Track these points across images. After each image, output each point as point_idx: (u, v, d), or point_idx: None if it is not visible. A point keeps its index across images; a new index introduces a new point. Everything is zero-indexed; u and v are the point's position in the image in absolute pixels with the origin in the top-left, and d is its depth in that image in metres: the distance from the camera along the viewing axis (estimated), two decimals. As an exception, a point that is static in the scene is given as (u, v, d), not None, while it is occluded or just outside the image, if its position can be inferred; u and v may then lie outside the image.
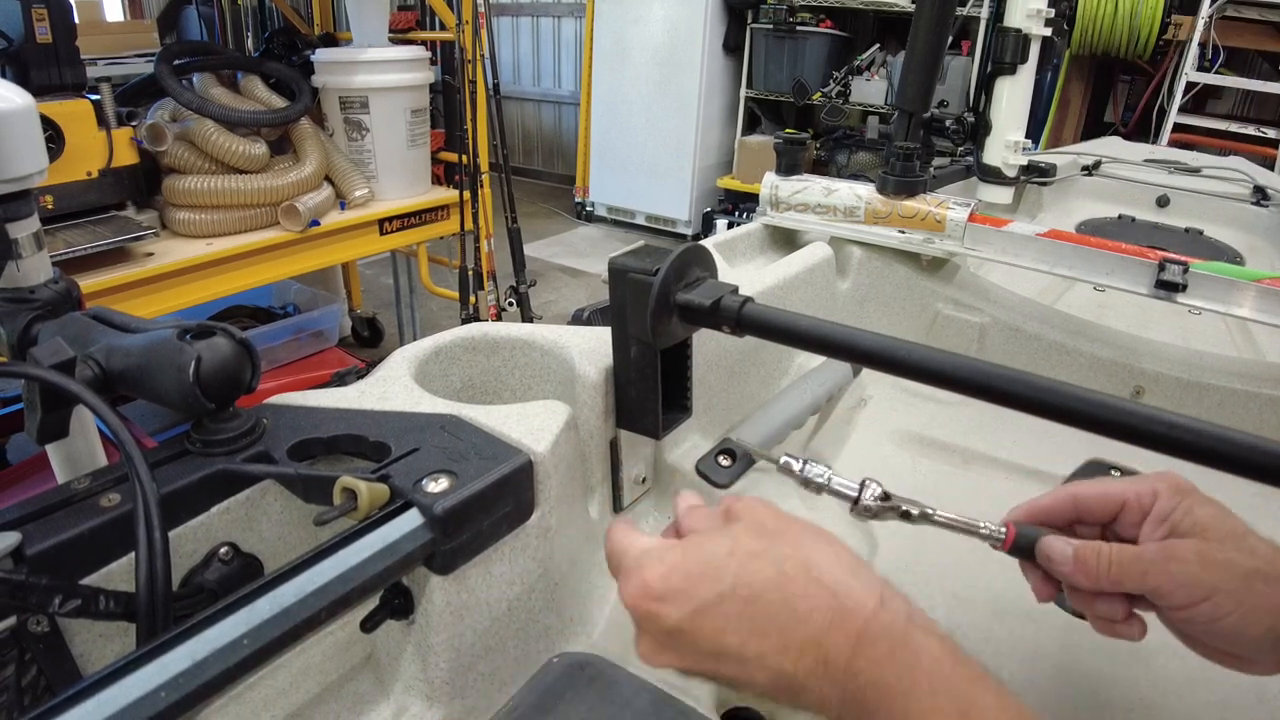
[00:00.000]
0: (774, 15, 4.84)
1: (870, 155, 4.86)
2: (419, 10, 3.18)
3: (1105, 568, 0.49)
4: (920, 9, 1.13)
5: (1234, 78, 3.99)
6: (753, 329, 0.62)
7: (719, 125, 5.41)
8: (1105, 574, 0.48)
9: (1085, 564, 0.49)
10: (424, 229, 2.95)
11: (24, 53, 2.07)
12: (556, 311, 4.32)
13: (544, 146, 7.20)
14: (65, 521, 0.49)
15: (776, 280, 1.01)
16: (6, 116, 0.63)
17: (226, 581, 0.56)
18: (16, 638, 0.46)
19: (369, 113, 2.73)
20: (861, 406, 1.12)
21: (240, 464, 0.56)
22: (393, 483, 0.54)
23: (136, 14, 6.46)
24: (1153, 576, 0.47)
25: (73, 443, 0.69)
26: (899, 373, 0.55)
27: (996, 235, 1.10)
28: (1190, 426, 0.43)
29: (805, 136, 1.30)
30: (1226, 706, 0.65)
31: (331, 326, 3.09)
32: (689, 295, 0.63)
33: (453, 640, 0.56)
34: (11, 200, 0.65)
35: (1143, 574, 0.48)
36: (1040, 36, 1.44)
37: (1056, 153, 2.21)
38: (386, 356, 0.74)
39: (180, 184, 2.34)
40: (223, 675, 0.40)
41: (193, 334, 0.55)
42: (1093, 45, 3.98)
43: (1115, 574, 0.48)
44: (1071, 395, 0.47)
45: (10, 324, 0.64)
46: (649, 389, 0.67)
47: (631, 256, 0.64)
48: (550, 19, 6.66)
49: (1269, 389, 1.05)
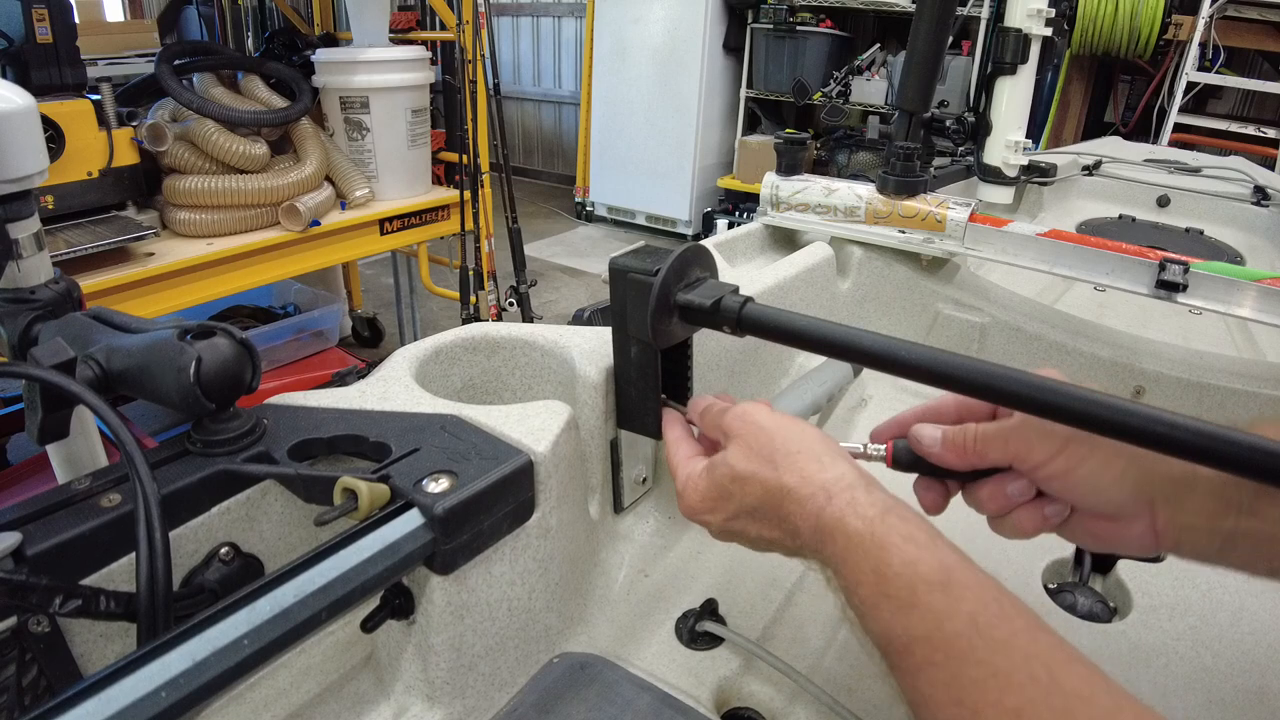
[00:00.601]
0: (774, 15, 4.84)
1: (871, 155, 4.86)
2: (419, 10, 3.18)
3: (971, 442, 0.54)
4: (921, 9, 1.13)
5: (1234, 78, 4.00)
6: (753, 329, 0.62)
7: (719, 125, 5.41)
8: (971, 448, 0.54)
9: (952, 441, 0.55)
10: (424, 229, 2.95)
11: (24, 53, 2.07)
12: (557, 311, 4.32)
13: (544, 146, 7.20)
14: (66, 522, 0.49)
15: (777, 280, 1.01)
16: (7, 117, 0.63)
17: (227, 582, 0.56)
18: (17, 638, 0.46)
19: (369, 113, 2.73)
20: (862, 406, 1.12)
21: (241, 464, 0.56)
22: (393, 483, 0.54)
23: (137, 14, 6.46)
24: (1013, 442, 0.52)
25: (73, 443, 0.69)
26: (899, 373, 0.55)
27: (997, 235, 1.10)
28: (1190, 426, 0.43)
29: (805, 136, 1.30)
30: (1226, 706, 0.65)
31: (332, 326, 3.09)
32: (689, 295, 0.63)
33: (453, 640, 0.56)
34: (12, 200, 0.65)
35: (1004, 441, 0.53)
36: (1040, 36, 1.45)
37: (1057, 153, 2.21)
38: (387, 357, 0.74)
39: (181, 184, 2.34)
40: (223, 675, 0.40)
41: (193, 334, 0.55)
42: (1093, 45, 3.98)
43: (980, 446, 0.53)
44: (1072, 395, 0.47)
45: (11, 324, 0.64)
46: (649, 389, 0.67)
47: (632, 257, 0.64)
48: (550, 19, 6.66)
49: (1269, 389, 1.05)
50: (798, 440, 0.54)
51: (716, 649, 0.68)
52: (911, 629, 0.43)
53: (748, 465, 0.54)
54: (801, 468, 0.52)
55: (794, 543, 0.52)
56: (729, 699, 0.65)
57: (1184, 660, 0.70)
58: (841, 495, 0.49)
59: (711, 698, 0.63)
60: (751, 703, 0.65)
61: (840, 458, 0.53)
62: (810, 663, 0.67)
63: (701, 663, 0.66)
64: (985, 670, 0.40)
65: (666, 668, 0.66)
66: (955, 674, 0.40)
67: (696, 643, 0.68)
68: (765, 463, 0.53)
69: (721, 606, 0.71)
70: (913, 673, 0.43)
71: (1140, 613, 0.74)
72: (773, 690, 0.64)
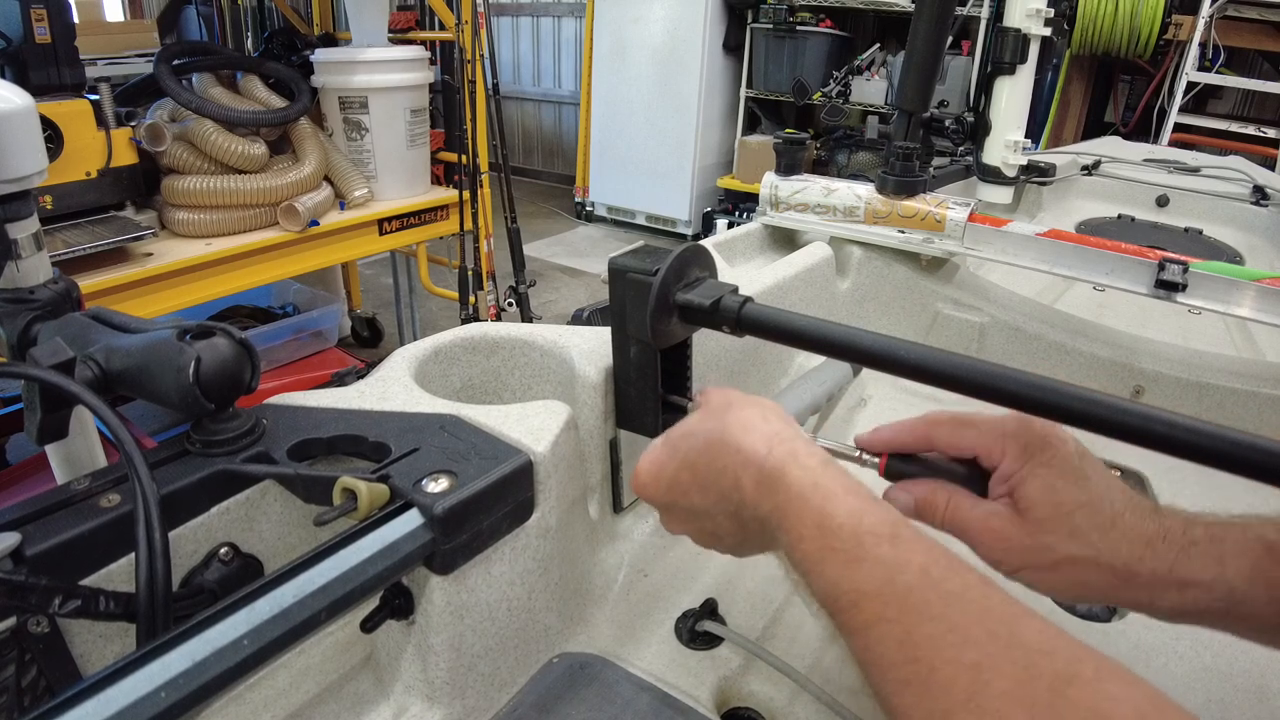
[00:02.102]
0: (774, 15, 4.84)
1: (870, 155, 4.86)
2: (418, 10, 3.18)
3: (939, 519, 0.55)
4: (920, 9, 1.13)
5: (1234, 77, 4.00)
6: (753, 329, 0.62)
7: (719, 125, 5.41)
8: (941, 523, 0.55)
9: (923, 514, 0.55)
10: (423, 229, 2.95)
11: (23, 53, 2.06)
12: (556, 311, 4.32)
13: (544, 146, 7.20)
14: (65, 522, 0.49)
15: (776, 280, 1.01)
16: (6, 117, 0.63)
17: (226, 582, 0.56)
18: (17, 638, 0.46)
19: (368, 113, 2.72)
20: (861, 406, 1.12)
21: (240, 464, 0.56)
22: (393, 483, 0.54)
23: (137, 14, 6.46)
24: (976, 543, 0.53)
25: (72, 443, 0.69)
26: (899, 373, 0.55)
27: (996, 235, 1.10)
28: (1190, 426, 0.43)
29: (805, 136, 1.30)
30: (1226, 706, 0.65)
31: (331, 326, 3.09)
32: (689, 295, 0.63)
33: (453, 640, 0.56)
34: (11, 200, 0.64)
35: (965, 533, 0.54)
36: (1040, 36, 1.45)
37: (1056, 152, 2.21)
38: (386, 357, 0.74)
39: (179, 184, 2.34)
40: (223, 675, 0.40)
41: (192, 334, 0.55)
42: (1093, 45, 3.98)
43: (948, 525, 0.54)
44: (1071, 395, 0.47)
45: (10, 324, 0.64)
46: (648, 389, 0.67)
47: (631, 256, 0.64)
48: (550, 19, 6.66)
49: (1269, 389, 1.05)
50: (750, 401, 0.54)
51: (716, 649, 0.68)
52: (860, 583, 0.41)
53: (698, 423, 0.54)
54: (744, 419, 0.51)
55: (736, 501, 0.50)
56: (729, 699, 0.65)
57: (1184, 660, 0.70)
58: (782, 446, 0.48)
59: (711, 697, 0.63)
60: (751, 702, 0.65)
61: (783, 419, 0.52)
62: (810, 662, 0.67)
63: (701, 662, 0.66)
64: (941, 625, 0.38)
65: (666, 667, 0.66)
66: (909, 629, 0.38)
67: (696, 642, 0.68)
68: (713, 417, 0.53)
69: (721, 606, 0.71)
70: (863, 630, 0.40)
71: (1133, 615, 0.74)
72: (772, 690, 0.64)
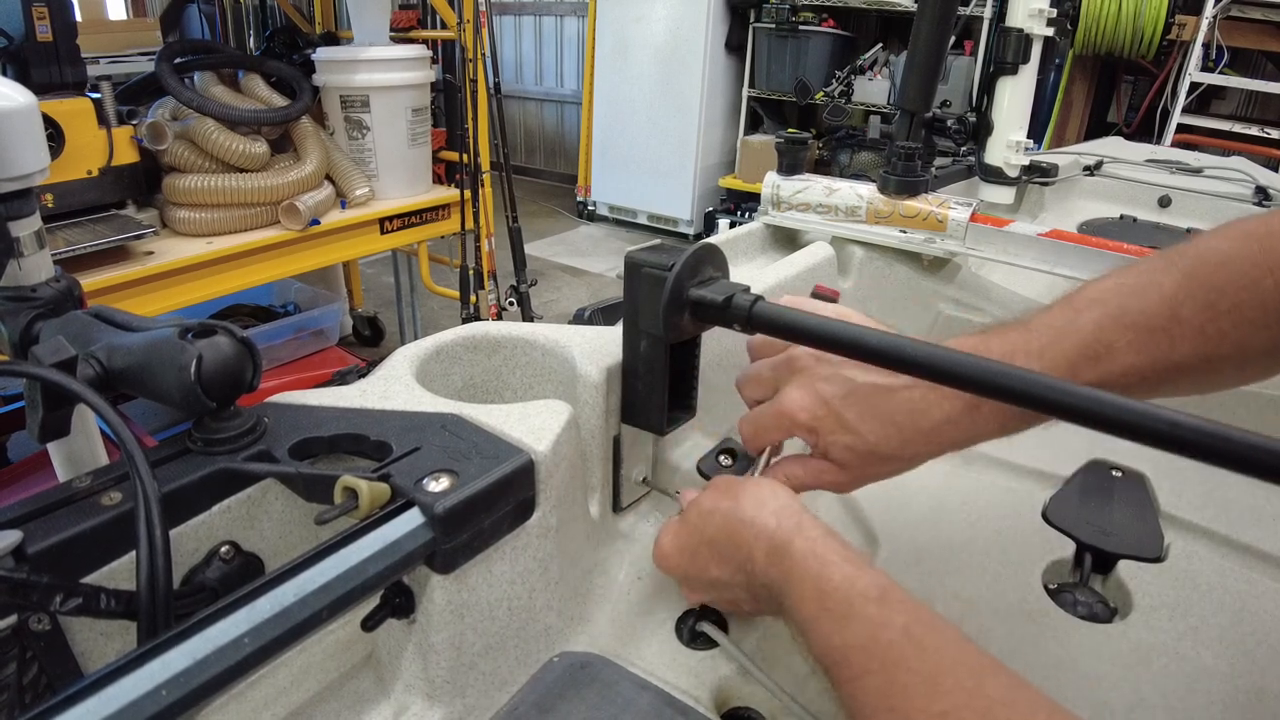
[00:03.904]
0: (776, 14, 4.84)
1: (872, 155, 4.86)
2: (420, 9, 3.18)
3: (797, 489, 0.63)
4: (922, 9, 1.13)
5: (1238, 78, 3.99)
6: (763, 327, 0.62)
7: (721, 124, 5.41)
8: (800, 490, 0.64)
9: None
10: (425, 228, 2.95)
11: (25, 51, 2.07)
12: (558, 311, 4.32)
13: (545, 145, 7.20)
14: (66, 520, 0.49)
15: (778, 279, 1.01)
16: (8, 115, 0.63)
17: (227, 580, 0.56)
18: (18, 636, 0.46)
19: (370, 111, 2.73)
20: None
21: (241, 463, 0.56)
22: (394, 482, 0.54)
23: (140, 12, 6.46)
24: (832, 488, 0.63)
25: (74, 441, 0.69)
26: (906, 370, 0.55)
27: (998, 235, 1.10)
28: (1191, 425, 0.43)
29: (807, 136, 1.30)
30: (1226, 706, 0.65)
31: (332, 325, 3.09)
32: (702, 291, 0.64)
33: (453, 639, 0.56)
34: (13, 199, 0.65)
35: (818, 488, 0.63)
36: (1042, 36, 1.44)
37: (1058, 153, 2.21)
38: (387, 355, 0.74)
39: (181, 182, 2.34)
40: (224, 674, 0.40)
41: (194, 333, 0.55)
42: (1096, 45, 3.97)
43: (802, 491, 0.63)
44: (1073, 393, 0.47)
45: (11, 322, 0.64)
46: (656, 383, 0.68)
47: (647, 252, 0.65)
48: (552, 18, 6.66)
49: (1269, 389, 1.05)
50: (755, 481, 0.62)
51: (716, 649, 0.68)
52: (848, 639, 0.46)
53: (713, 502, 0.61)
54: (757, 496, 0.58)
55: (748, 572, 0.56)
56: (729, 699, 0.65)
57: (1184, 660, 0.70)
58: (790, 519, 0.54)
59: (711, 697, 0.63)
60: (752, 702, 0.65)
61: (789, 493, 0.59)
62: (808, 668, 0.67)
63: (702, 662, 0.66)
64: (916, 677, 0.42)
65: (667, 667, 0.66)
66: (889, 680, 0.43)
67: (696, 642, 0.68)
68: (727, 496, 0.60)
69: (722, 606, 0.71)
70: (850, 682, 0.45)
71: (1140, 613, 0.74)
72: (773, 690, 0.64)
